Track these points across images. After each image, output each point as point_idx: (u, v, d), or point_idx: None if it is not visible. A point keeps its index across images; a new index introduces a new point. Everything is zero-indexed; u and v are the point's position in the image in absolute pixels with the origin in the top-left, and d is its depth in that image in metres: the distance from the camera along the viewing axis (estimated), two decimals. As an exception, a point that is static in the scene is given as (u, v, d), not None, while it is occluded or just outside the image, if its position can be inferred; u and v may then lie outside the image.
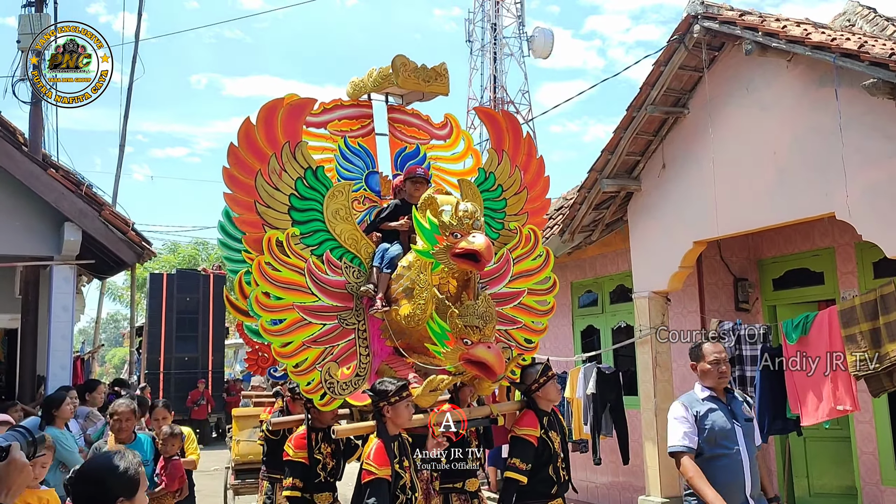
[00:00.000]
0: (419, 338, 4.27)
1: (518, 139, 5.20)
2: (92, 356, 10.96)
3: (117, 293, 32.57)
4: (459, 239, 3.94)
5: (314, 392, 4.16)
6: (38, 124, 8.42)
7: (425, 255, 4.10)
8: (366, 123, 5.37)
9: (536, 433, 4.36)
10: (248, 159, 4.12)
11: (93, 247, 7.75)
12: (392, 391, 3.85)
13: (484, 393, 4.57)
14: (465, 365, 3.95)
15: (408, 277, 4.29)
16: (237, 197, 4.12)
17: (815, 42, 5.73)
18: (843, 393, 5.50)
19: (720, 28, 6.43)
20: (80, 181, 8.17)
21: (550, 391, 4.55)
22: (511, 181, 5.09)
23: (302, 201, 4.27)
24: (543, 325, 5.11)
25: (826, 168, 5.93)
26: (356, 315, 4.39)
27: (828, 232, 7.21)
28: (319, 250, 4.31)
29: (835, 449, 7.42)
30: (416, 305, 4.18)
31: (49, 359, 7.59)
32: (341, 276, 4.37)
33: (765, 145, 6.47)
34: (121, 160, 11.47)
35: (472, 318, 3.92)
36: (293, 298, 4.12)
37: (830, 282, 7.30)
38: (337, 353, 4.25)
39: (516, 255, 4.96)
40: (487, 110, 5.40)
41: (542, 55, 27.01)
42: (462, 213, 3.99)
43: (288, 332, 4.08)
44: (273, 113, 4.21)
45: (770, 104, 6.47)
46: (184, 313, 17.48)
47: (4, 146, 7.15)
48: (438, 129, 5.69)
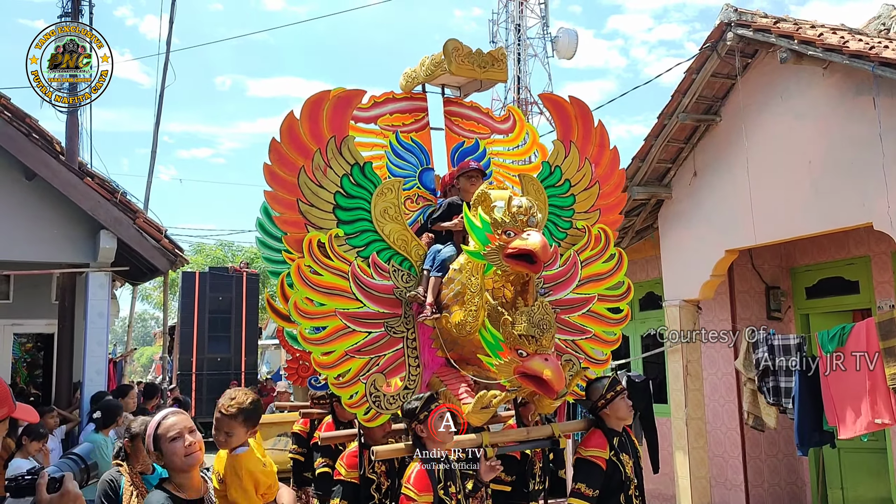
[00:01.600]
0: (472, 348, 3.90)
1: (588, 128, 4.67)
2: (124, 359, 11.11)
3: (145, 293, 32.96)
4: (513, 238, 3.54)
5: (358, 406, 3.83)
6: (75, 133, 8.56)
7: (477, 257, 3.73)
8: (419, 117, 4.98)
9: (605, 455, 3.93)
10: (291, 155, 3.84)
11: (127, 253, 7.86)
12: (419, 408, 3.55)
13: (544, 411, 4.13)
14: (521, 379, 3.55)
15: (459, 281, 3.93)
16: (278, 195, 3.84)
17: (853, 50, 5.65)
18: (881, 406, 5.42)
19: (754, 36, 6.38)
20: (115, 189, 8.28)
21: (620, 408, 4.08)
22: (580, 175, 4.61)
23: (348, 199, 3.97)
24: (616, 335, 4.64)
25: (863, 177, 5.85)
26: (405, 323, 4.05)
27: (863, 241, 7.11)
28: (366, 252, 4.00)
29: (870, 460, 7.32)
30: (468, 312, 3.81)
31: (85, 364, 7.71)
32: (389, 281, 4.04)
33: (799, 154, 6.39)
34: (152, 166, 11.62)
35: (527, 327, 3.52)
36: (336, 304, 3.82)
37: (866, 291, 7.20)
38: (383, 364, 3.92)
39: (585, 258, 4.53)
40: (553, 96, 4.77)
41: (567, 56, 26.86)
42: (516, 208, 3.58)
43: (329, 340, 3.79)
44: (318, 106, 3.90)
45: (805, 112, 6.39)
46: (216, 313, 17.03)
47: (43, 156, 7.27)
48: (500, 122, 5.29)
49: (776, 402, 6.26)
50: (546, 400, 3.83)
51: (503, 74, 4.91)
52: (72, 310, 8.14)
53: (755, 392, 6.48)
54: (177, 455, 2.64)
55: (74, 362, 8.16)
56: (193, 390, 16.14)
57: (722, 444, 7.97)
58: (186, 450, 2.66)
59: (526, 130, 5.32)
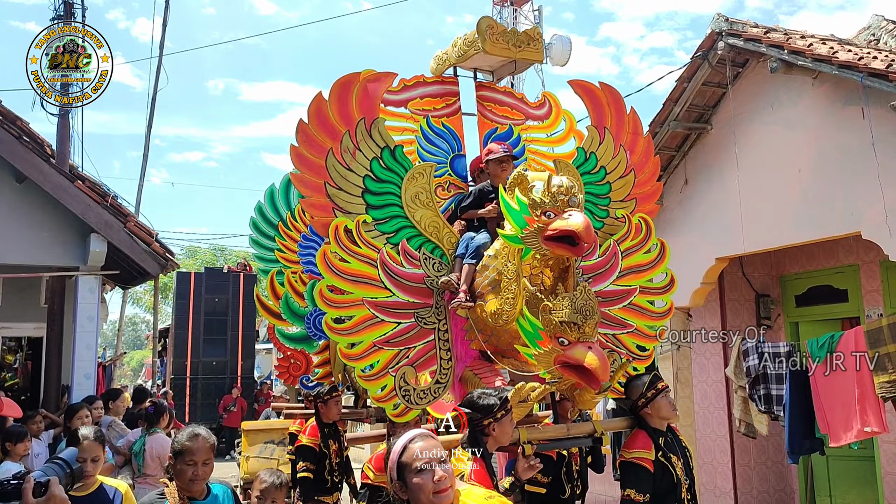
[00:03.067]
0: (509, 338, 3.69)
1: (621, 115, 4.52)
2: (114, 363, 11.04)
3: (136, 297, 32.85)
4: (553, 219, 3.32)
5: (387, 400, 3.64)
6: (66, 136, 8.53)
7: (514, 241, 3.52)
8: (451, 102, 4.78)
9: (650, 456, 3.69)
10: (319, 137, 3.71)
11: (117, 257, 7.83)
12: (498, 405, 3.29)
13: (585, 406, 3.93)
14: (562, 370, 3.32)
15: (494, 268, 3.72)
16: (305, 178, 3.70)
17: (843, 61, 5.70)
18: (870, 415, 5.45)
19: (745, 45, 6.42)
20: (106, 192, 8.25)
21: (662, 407, 3.83)
22: (616, 163, 4.43)
23: (378, 184, 3.82)
24: (659, 329, 4.39)
25: (852, 187, 5.90)
26: (436, 313, 3.86)
27: (852, 249, 7.16)
28: (396, 238, 3.83)
29: (858, 468, 7.35)
30: (504, 300, 3.58)
31: (73, 368, 7.66)
32: (419, 269, 3.87)
33: (789, 163, 6.44)
34: (143, 171, 11.63)
35: (568, 313, 3.26)
36: (363, 293, 3.65)
37: (855, 299, 7.25)
38: (414, 357, 3.73)
39: (625, 248, 4.30)
40: (584, 83, 4.55)
41: (560, 63, 26.91)
42: (556, 187, 3.35)
43: (357, 330, 3.61)
44: (348, 88, 3.79)
45: (795, 122, 6.44)
46: (212, 315, 16.33)
47: (33, 159, 7.24)
48: (534, 108, 5.05)
49: (767, 409, 6.29)
50: (588, 394, 3.64)
51: (539, 55, 4.70)
52: (61, 313, 8.09)
53: (746, 399, 6.50)
54: (424, 491, 2.22)
55: (63, 366, 8.11)
56: (188, 395, 15.62)
57: (711, 452, 7.99)
58: (436, 485, 2.23)
59: (562, 117, 5.07)
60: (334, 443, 5.76)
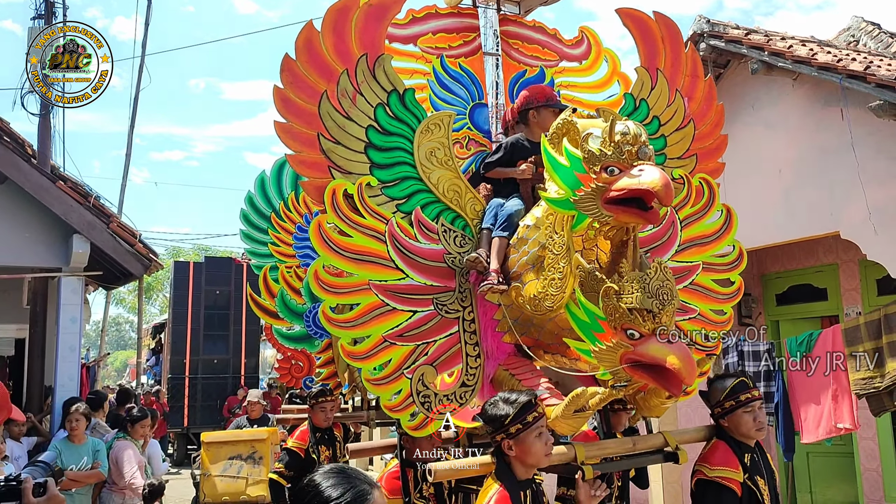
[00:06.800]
0: (554, 329, 3.02)
1: (678, 54, 3.74)
2: (98, 364, 10.97)
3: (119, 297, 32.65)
4: (618, 175, 2.57)
5: (402, 409, 2.96)
6: (47, 136, 8.47)
7: (562, 206, 2.79)
8: (469, 39, 3.98)
9: (738, 477, 3.02)
10: (311, 77, 2.98)
11: (100, 258, 7.79)
12: (511, 415, 2.54)
13: (652, 414, 3.11)
14: (631, 370, 2.60)
15: (535, 241, 2.98)
16: (294, 128, 2.96)
17: (822, 63, 5.78)
18: (843, 412, 5.54)
19: (726, 47, 6.49)
20: (88, 193, 8.19)
21: (742, 424, 3.11)
22: (671, 112, 3.67)
23: (384, 137, 3.08)
24: (727, 313, 3.63)
25: (831, 187, 5.98)
26: (460, 299, 3.13)
27: (832, 249, 7.25)
28: (407, 206, 3.10)
29: (838, 465, 7.45)
30: (549, 281, 2.84)
31: (57, 369, 7.61)
32: (438, 244, 3.13)
33: (770, 163, 6.52)
34: (126, 170, 11.55)
35: (641, 298, 2.53)
36: (369, 275, 2.94)
37: (834, 298, 7.34)
38: (434, 354, 3.04)
39: (685, 216, 3.54)
40: (635, 11, 3.69)
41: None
42: (621, 136, 2.59)
43: (362, 322, 2.91)
44: (345, 16, 3.05)
45: (775, 123, 6.52)
46: (213, 309, 14.68)
47: (14, 159, 7.18)
48: (570, 46, 4.23)
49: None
50: (654, 399, 2.92)
51: None
52: (44, 315, 8.03)
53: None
54: None
55: (46, 368, 8.06)
56: (186, 396, 14.32)
57: (694, 449, 8.03)
58: None
59: (604, 56, 4.30)
60: (327, 449, 5.33)
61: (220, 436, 6.77)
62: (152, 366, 20.94)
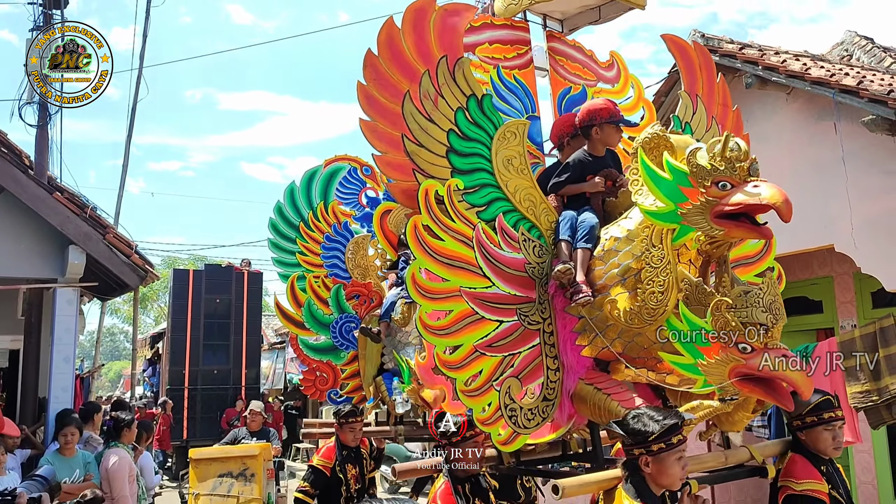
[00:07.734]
0: (643, 343, 2.94)
1: (712, 82, 3.85)
2: (92, 375, 10.92)
3: (114, 307, 32.56)
4: (731, 191, 2.62)
5: (492, 423, 2.87)
6: (44, 147, 8.46)
7: (666, 220, 2.75)
8: (522, 52, 4.03)
9: (824, 489, 3.09)
10: (393, 76, 2.94)
11: (96, 269, 7.77)
12: (656, 434, 2.51)
13: (733, 428, 3.11)
14: (740, 384, 2.61)
15: (628, 254, 2.94)
16: (378, 127, 2.93)
17: (815, 77, 5.83)
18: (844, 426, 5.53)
19: (720, 61, 6.53)
20: (85, 203, 8.19)
21: (820, 440, 3.22)
22: (709, 138, 3.57)
23: (464, 142, 3.02)
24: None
25: (825, 201, 6.01)
26: (540, 310, 3.05)
27: (826, 261, 7.28)
28: (488, 213, 3.04)
29: (834, 477, 7.44)
30: (649, 294, 2.78)
31: (51, 381, 7.58)
32: (519, 253, 3.05)
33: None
34: (123, 182, 11.52)
35: (757, 312, 2.59)
36: (460, 280, 2.87)
37: (829, 310, 7.36)
38: (519, 366, 2.95)
39: None
40: (678, 39, 3.78)
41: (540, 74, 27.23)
42: (733, 152, 2.65)
43: (455, 329, 2.84)
44: (423, 17, 3.02)
45: (769, 136, 6.56)
46: (213, 318, 14.43)
47: (11, 170, 7.18)
48: (604, 69, 4.35)
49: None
50: (739, 414, 2.94)
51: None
52: (38, 325, 8.01)
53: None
54: None
55: (40, 379, 8.03)
56: (185, 408, 14.02)
57: (690, 462, 8.04)
58: None
59: (630, 82, 4.44)
60: (353, 467, 5.20)
61: (209, 452, 6.45)
62: (149, 376, 20.77)
